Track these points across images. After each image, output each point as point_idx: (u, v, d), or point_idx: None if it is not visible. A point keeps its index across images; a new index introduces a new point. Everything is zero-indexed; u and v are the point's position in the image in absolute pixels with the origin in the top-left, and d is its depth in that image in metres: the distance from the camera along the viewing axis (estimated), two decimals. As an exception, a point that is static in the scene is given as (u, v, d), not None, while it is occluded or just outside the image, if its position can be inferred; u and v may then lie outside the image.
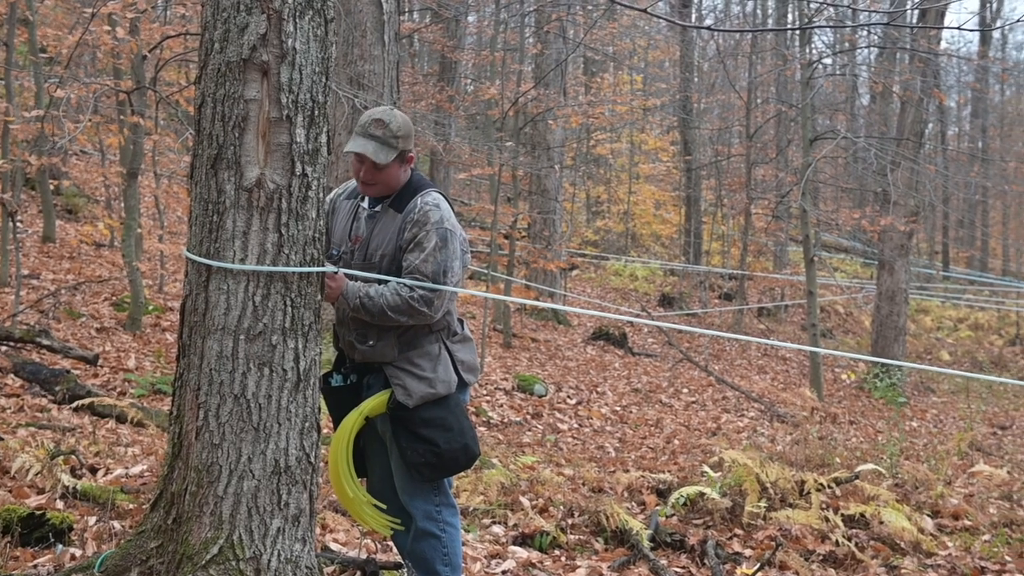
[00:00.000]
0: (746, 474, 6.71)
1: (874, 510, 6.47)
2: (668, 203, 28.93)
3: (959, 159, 35.26)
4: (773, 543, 5.86)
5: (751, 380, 14.66)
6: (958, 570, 5.90)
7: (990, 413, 15.28)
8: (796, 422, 11.72)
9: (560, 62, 16.58)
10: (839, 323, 23.90)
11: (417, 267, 3.91)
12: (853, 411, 13.67)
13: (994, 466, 9.38)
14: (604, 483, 7.12)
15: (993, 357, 21.97)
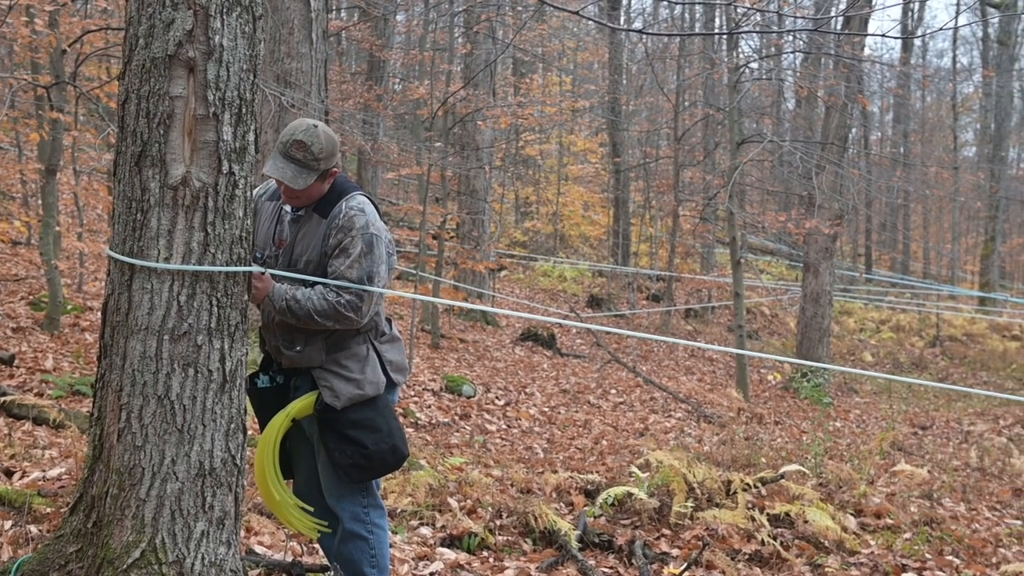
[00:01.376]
0: (673, 474, 6.76)
1: (799, 509, 6.56)
2: (597, 204, 29.06)
3: (882, 163, 35.81)
4: (700, 543, 5.92)
5: (678, 381, 14.76)
6: (880, 568, 6.00)
7: (911, 413, 15.53)
8: (723, 423, 11.82)
9: (489, 63, 16.56)
10: (765, 324, 24.16)
11: (343, 273, 3.88)
12: (779, 412, 13.81)
13: (915, 465, 9.56)
14: (533, 484, 7.11)
15: (914, 358, 22.34)
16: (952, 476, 9.31)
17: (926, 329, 26.19)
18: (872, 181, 27.92)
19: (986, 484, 9.31)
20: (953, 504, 8.10)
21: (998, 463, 10.44)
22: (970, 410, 16.22)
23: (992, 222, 32.79)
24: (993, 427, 14.50)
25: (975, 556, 6.49)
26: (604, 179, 29.17)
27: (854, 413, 15.02)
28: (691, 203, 21.82)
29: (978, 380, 20.51)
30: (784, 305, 25.85)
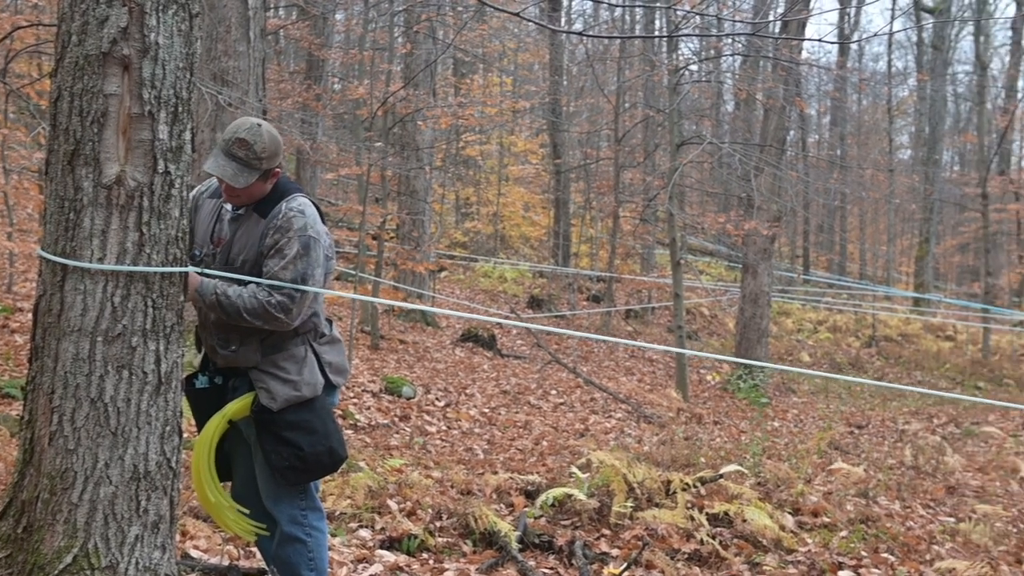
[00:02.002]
0: (613, 475, 6.78)
1: (738, 508, 6.60)
2: (537, 205, 29.08)
3: (819, 166, 36.18)
4: (640, 542, 5.94)
5: (619, 381, 14.82)
6: (817, 566, 6.05)
7: (848, 413, 15.71)
8: (662, 423, 11.87)
9: (430, 63, 16.51)
10: (705, 325, 24.33)
11: (276, 274, 3.83)
12: (718, 411, 13.91)
13: (851, 464, 9.66)
14: (473, 485, 7.09)
15: (851, 358, 22.62)
16: (887, 474, 9.43)
17: (862, 329, 26.55)
18: (810, 183, 28.21)
19: (920, 482, 9.43)
20: (888, 502, 8.19)
21: (932, 461, 10.58)
22: (905, 409, 16.45)
23: (926, 224, 33.33)
24: (927, 426, 14.72)
25: (909, 553, 6.57)
26: (544, 180, 29.18)
27: (792, 413, 15.15)
28: (631, 204, 21.90)
29: (912, 379, 20.82)
30: (723, 306, 26.05)
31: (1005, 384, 20.81)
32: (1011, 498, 9.30)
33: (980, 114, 31.18)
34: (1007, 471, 10.67)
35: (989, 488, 9.69)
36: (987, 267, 27.34)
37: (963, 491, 9.32)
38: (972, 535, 7.18)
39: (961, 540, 7.11)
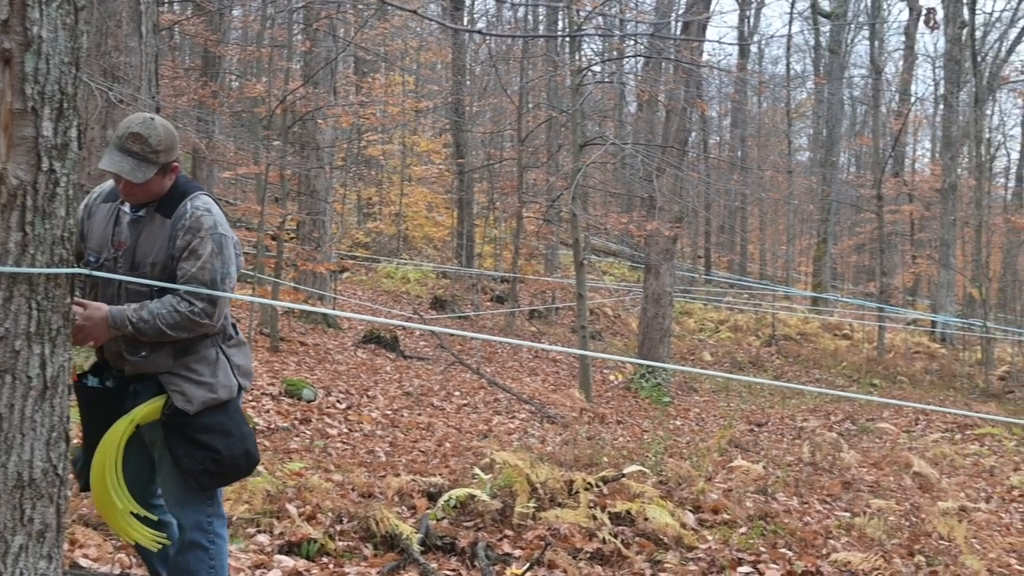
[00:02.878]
0: (516, 475, 6.76)
1: (639, 507, 6.64)
2: (440, 205, 29.00)
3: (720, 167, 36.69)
4: (542, 543, 5.94)
5: (523, 382, 14.83)
6: (717, 562, 6.13)
7: (748, 411, 15.93)
8: (566, 423, 11.89)
9: (330, 61, 16.33)
10: (608, 325, 24.47)
11: (194, 275, 3.74)
12: (621, 411, 13.99)
13: (751, 461, 9.80)
14: (374, 488, 7.03)
15: (751, 357, 22.95)
16: (786, 471, 9.58)
17: (762, 328, 26.95)
18: (711, 184, 28.62)
19: (817, 478, 9.60)
20: (786, 498, 8.32)
21: (829, 458, 10.77)
22: (803, 407, 16.73)
23: (824, 225, 33.98)
24: (824, 423, 14.98)
25: (807, 548, 6.69)
26: (448, 180, 29.12)
27: (694, 412, 15.32)
28: (535, 205, 21.98)
29: (811, 378, 21.19)
30: (626, 306, 26.26)
31: (899, 381, 21.30)
32: (904, 492, 9.51)
33: (875, 117, 31.86)
34: (900, 466, 10.91)
35: (883, 483, 9.90)
36: (882, 267, 27.95)
37: (858, 486, 9.51)
38: (867, 529, 7.34)
39: (856, 534, 7.27)
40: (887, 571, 6.28)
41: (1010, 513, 9.70)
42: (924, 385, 21.13)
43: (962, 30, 28.66)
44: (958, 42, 28.58)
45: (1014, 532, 8.71)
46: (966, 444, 13.71)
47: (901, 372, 22.26)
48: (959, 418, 15.25)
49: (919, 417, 15.55)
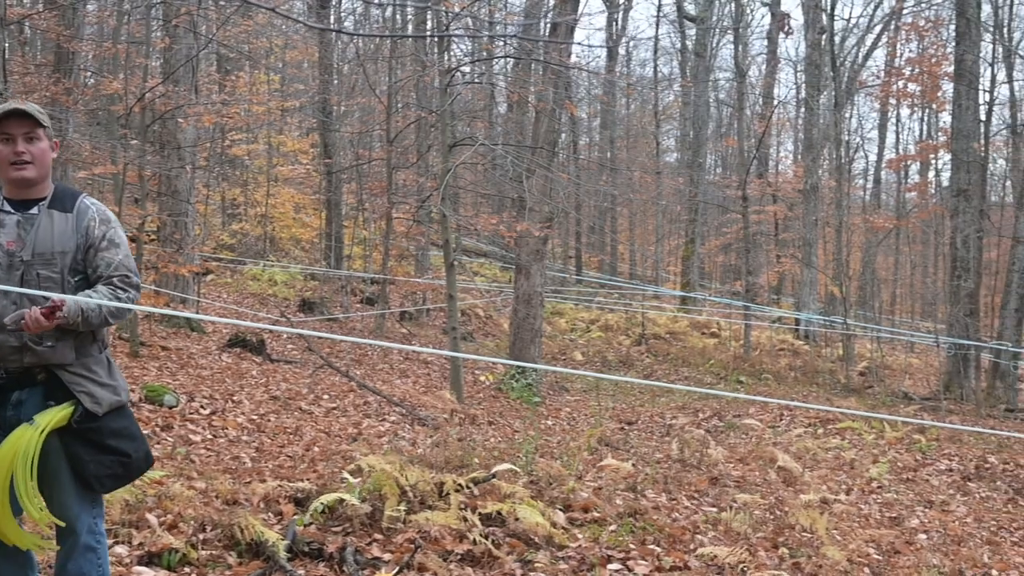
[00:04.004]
0: (386, 478, 6.68)
1: (510, 507, 6.61)
2: (308, 206, 28.57)
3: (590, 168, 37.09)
4: (412, 546, 5.86)
5: (393, 384, 14.66)
6: (587, 560, 6.12)
7: (619, 410, 16.04)
8: (437, 425, 11.80)
9: (190, 58, 15.90)
10: (480, 326, 24.45)
11: (123, 263, 3.78)
12: (492, 412, 13.94)
13: (621, 459, 9.84)
14: (239, 495, 6.83)
15: (621, 356, 23.15)
16: (655, 468, 9.63)
17: (632, 328, 27.22)
18: (581, 185, 28.85)
19: (686, 475, 9.69)
20: (655, 495, 8.37)
21: (696, 454, 10.88)
22: (672, 405, 16.92)
23: (692, 225, 34.54)
24: (693, 420, 15.18)
25: (675, 543, 6.74)
26: (316, 181, 28.71)
27: (565, 411, 15.35)
28: (405, 205, 21.80)
29: (680, 375, 21.47)
30: (498, 306, 26.27)
31: (764, 378, 21.71)
32: (769, 486, 9.68)
33: (740, 120, 32.53)
34: (766, 461, 11.11)
35: (749, 478, 10.06)
36: (747, 266, 28.48)
37: (725, 481, 9.64)
38: (733, 523, 7.44)
39: (723, 528, 7.36)
40: (752, 564, 6.38)
41: (869, 504, 9.96)
42: (788, 381, 21.59)
43: (821, 36, 29.44)
44: (818, 47, 29.34)
45: (873, 523, 8.95)
46: (828, 438, 14.04)
47: (766, 369, 22.70)
48: (821, 413, 15.61)
49: (783, 413, 15.86)
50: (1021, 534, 9.56)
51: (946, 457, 13.40)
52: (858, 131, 43.87)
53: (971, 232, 21.25)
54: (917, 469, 12.64)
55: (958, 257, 21.14)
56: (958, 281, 21.07)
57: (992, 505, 11.01)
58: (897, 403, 19.28)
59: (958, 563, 7.59)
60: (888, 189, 47.88)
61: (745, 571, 6.27)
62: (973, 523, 9.77)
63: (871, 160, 48.84)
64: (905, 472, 12.37)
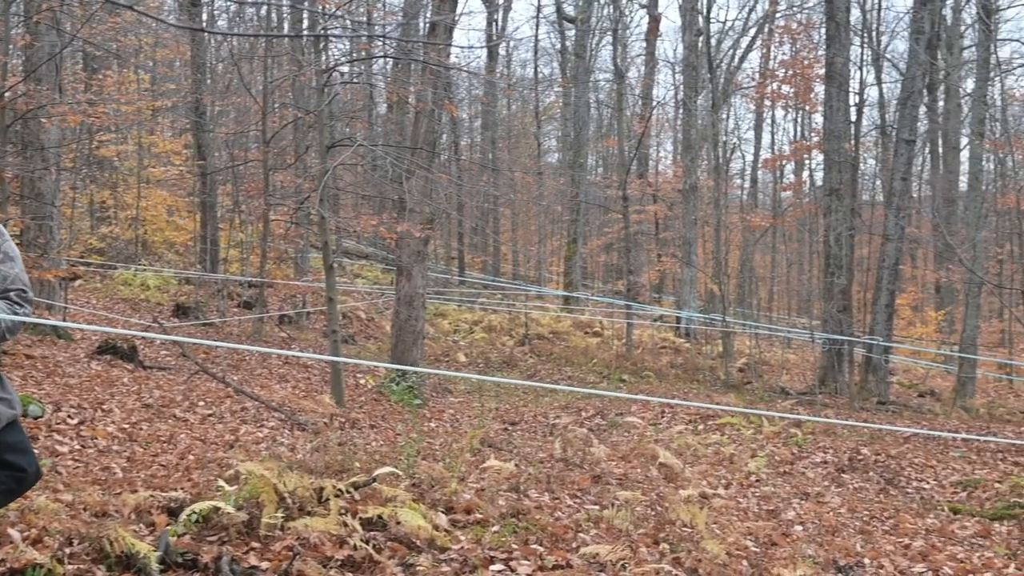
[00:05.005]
0: (263, 485, 6.55)
1: (391, 511, 6.54)
2: (182, 209, 27.90)
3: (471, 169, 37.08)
4: (291, 553, 5.76)
5: (272, 389, 14.36)
6: (470, 562, 6.09)
7: (502, 410, 16.02)
8: (317, 429, 11.61)
9: (53, 55, 15.36)
10: (361, 328, 24.21)
11: (18, 276, 3.74)
12: (374, 415, 13.79)
13: (504, 460, 9.80)
14: (109, 506, 6.60)
15: (505, 357, 23.16)
16: (538, 468, 9.62)
17: (516, 328, 27.28)
18: (462, 186, 28.79)
19: (568, 473, 9.70)
20: (538, 495, 8.37)
21: (579, 453, 10.92)
22: (556, 404, 16.98)
23: (574, 225, 34.79)
24: (576, 419, 15.24)
25: (557, 542, 6.75)
26: (189, 182, 28.06)
27: (448, 413, 15.28)
28: (283, 207, 21.42)
29: (563, 375, 21.57)
30: (380, 309, 26.07)
31: (646, 376, 21.94)
32: (650, 483, 9.76)
33: (619, 120, 32.90)
34: (647, 458, 11.21)
35: (631, 475, 10.13)
36: (629, 265, 28.82)
37: (607, 479, 9.69)
38: (615, 521, 7.50)
39: (605, 526, 7.40)
40: (633, 560, 6.42)
41: (747, 498, 10.16)
42: (670, 379, 21.85)
43: (698, 38, 29.92)
44: (695, 49, 29.81)
45: (751, 516, 9.13)
46: (708, 434, 14.25)
47: (648, 367, 22.95)
48: (702, 410, 15.83)
49: (665, 410, 16.04)
50: (892, 523, 9.83)
51: (821, 450, 13.70)
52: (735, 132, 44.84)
53: (843, 230, 21.79)
54: (794, 462, 12.89)
55: (831, 255, 21.66)
56: (831, 278, 21.58)
57: (865, 495, 11.29)
58: (775, 398, 19.68)
59: (832, 553, 7.80)
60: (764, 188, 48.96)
61: (626, 568, 6.30)
62: (847, 513, 10.00)
63: (748, 160, 49.95)
64: (782, 465, 12.61)
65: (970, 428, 16.74)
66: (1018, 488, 11.77)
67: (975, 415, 20.03)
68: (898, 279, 22.50)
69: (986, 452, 14.45)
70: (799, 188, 37.02)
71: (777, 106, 35.03)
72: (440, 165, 21.53)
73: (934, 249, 37.89)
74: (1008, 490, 11.78)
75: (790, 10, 35.68)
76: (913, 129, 22.33)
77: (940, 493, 12.01)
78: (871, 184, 42.33)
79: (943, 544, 9.10)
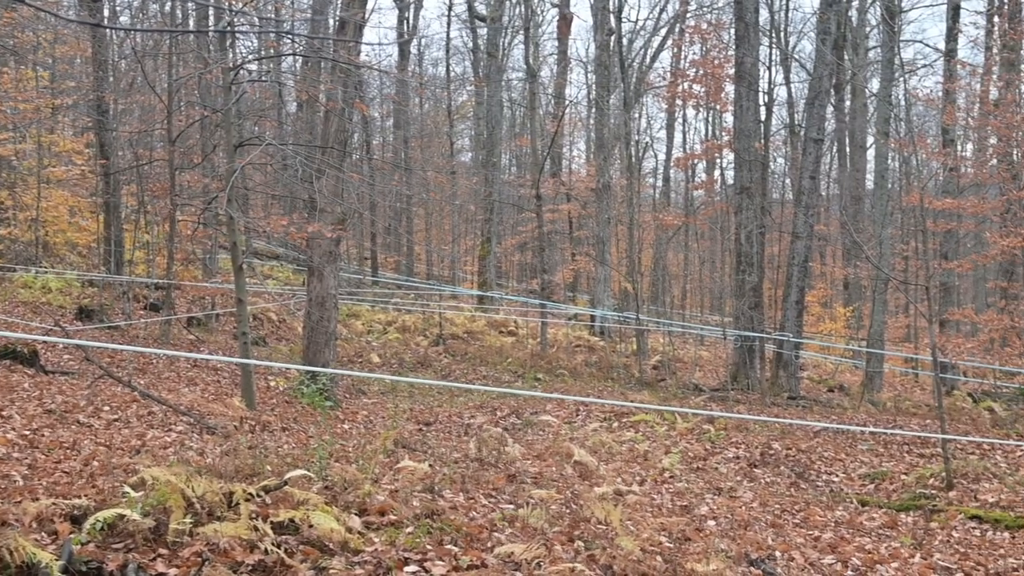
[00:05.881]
0: (171, 491, 6.40)
1: (303, 514, 6.46)
2: (85, 209, 27.22)
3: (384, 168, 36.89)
4: (200, 559, 5.67)
5: (180, 393, 14.05)
6: (384, 564, 6.03)
7: (417, 411, 15.92)
8: (227, 433, 11.39)
9: (-55, 50, 14.92)
10: (273, 330, 23.91)
11: None
12: (286, 417, 13.58)
13: (418, 461, 9.70)
14: (9, 515, 6.36)
15: (419, 357, 23.03)
16: (452, 468, 9.54)
17: (430, 328, 27.18)
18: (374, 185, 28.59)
19: (483, 473, 9.65)
20: (453, 495, 8.30)
21: (494, 452, 10.90)
22: (471, 404, 16.94)
23: (488, 224, 34.81)
24: (491, 418, 15.22)
25: (472, 542, 6.71)
26: (92, 182, 27.40)
27: (362, 414, 15.15)
28: (190, 207, 21.04)
29: (478, 375, 21.53)
30: (291, 310, 25.76)
31: (560, 374, 21.99)
32: (565, 481, 9.77)
33: (532, 119, 32.91)
34: (562, 456, 11.22)
35: (546, 473, 10.13)
36: (543, 264, 28.87)
37: (523, 478, 9.68)
38: (530, 519, 7.50)
39: (520, 525, 7.39)
40: (548, 559, 6.41)
41: (661, 494, 10.25)
42: (584, 377, 21.93)
43: (610, 37, 30.07)
44: (607, 49, 29.97)
45: (665, 512, 9.22)
46: (623, 431, 14.33)
47: (563, 365, 23.01)
48: (617, 407, 15.89)
49: (580, 408, 16.08)
50: (803, 516, 9.99)
51: (734, 445, 13.86)
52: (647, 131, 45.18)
53: (754, 228, 22.05)
54: (707, 458, 13.01)
55: (742, 252, 21.91)
56: (743, 275, 21.83)
57: (776, 489, 11.44)
58: (688, 395, 19.84)
59: (744, 546, 7.91)
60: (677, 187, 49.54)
61: (541, 566, 6.29)
62: (759, 507, 10.13)
63: (660, 159, 50.47)
64: (696, 461, 12.72)
65: (877, 421, 17.06)
66: (923, 479, 12.05)
67: (882, 409, 20.42)
68: (807, 276, 22.85)
69: (893, 445, 14.73)
70: (711, 187, 37.42)
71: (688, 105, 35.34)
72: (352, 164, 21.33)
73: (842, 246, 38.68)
74: (914, 481, 12.06)
75: (700, 10, 36.11)
76: (821, 128, 22.70)
77: (849, 485, 12.23)
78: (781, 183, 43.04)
79: (852, 535, 9.28)
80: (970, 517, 10.17)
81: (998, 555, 8.85)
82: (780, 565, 7.71)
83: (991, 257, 23.34)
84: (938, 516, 10.33)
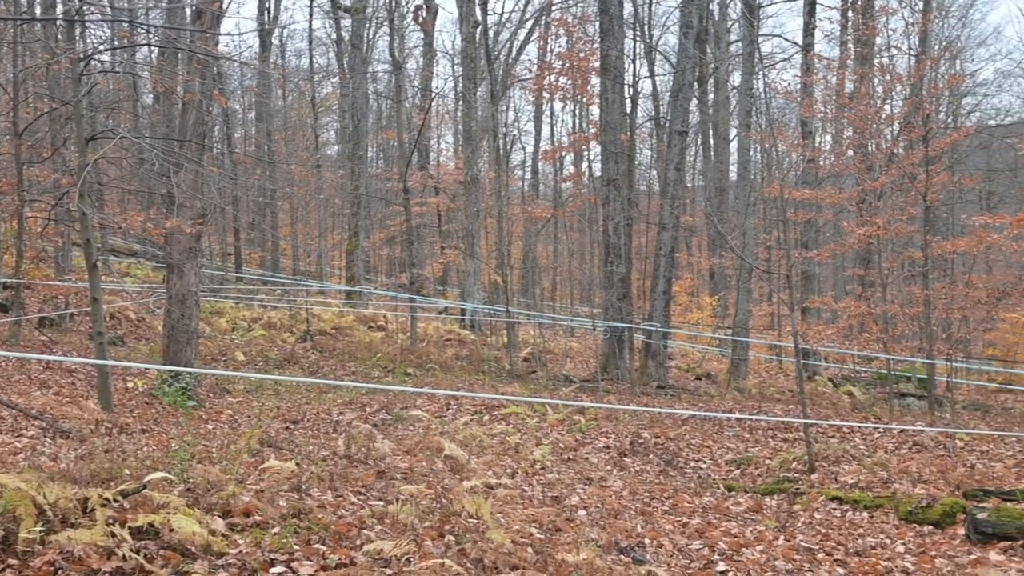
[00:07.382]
0: (20, 498, 6.10)
1: (164, 518, 6.23)
2: (-81, 207, 26.08)
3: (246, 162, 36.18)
4: (52, 568, 5.43)
5: (31, 396, 13.45)
6: (249, 566, 5.85)
7: (283, 409, 15.61)
8: (82, 436, 10.95)
9: None
10: (131, 329, 23.19)
11: None
12: (145, 419, 13.14)
13: (284, 459, 9.47)
14: None
15: (286, 354, 22.63)
16: (320, 466, 9.34)
17: (297, 325, 26.74)
18: (236, 180, 27.98)
19: (352, 470, 9.48)
20: (321, 493, 8.13)
21: (364, 449, 10.75)
22: (340, 400, 16.69)
23: (355, 218, 34.42)
24: (360, 415, 15.01)
25: (341, 540, 6.58)
26: (-71, 179, 26.22)
27: (227, 413, 14.78)
28: (40, 204, 20.22)
29: (347, 371, 21.26)
30: (151, 308, 25.04)
31: (431, 369, 21.86)
32: (436, 476, 9.67)
33: (399, 112, 32.68)
34: (433, 451, 11.13)
35: (416, 469, 10.02)
36: (412, 258, 28.66)
37: (392, 475, 9.55)
38: (399, 515, 7.44)
39: (389, 522, 7.30)
40: (418, 554, 6.34)
41: (532, 486, 10.24)
42: (455, 371, 21.83)
43: (476, 29, 29.95)
44: (473, 41, 29.86)
45: (536, 503, 9.25)
46: (494, 424, 14.28)
47: (433, 360, 22.87)
48: (487, 400, 15.83)
49: (450, 402, 15.98)
50: (671, 503, 10.10)
51: (604, 435, 13.93)
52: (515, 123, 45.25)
53: (621, 220, 22.23)
54: (577, 448, 13.04)
55: (610, 244, 22.07)
56: (611, 267, 21.99)
57: (646, 478, 11.54)
58: (559, 386, 19.90)
59: (614, 535, 8.00)
60: (545, 180, 49.80)
61: (411, 562, 6.20)
62: (628, 496, 10.20)
63: (528, 151, 50.63)
64: (566, 452, 12.74)
65: (743, 408, 17.36)
66: (787, 463, 12.31)
67: (748, 395, 20.82)
68: (674, 266, 23.14)
69: (758, 431, 15.00)
70: (579, 179, 37.73)
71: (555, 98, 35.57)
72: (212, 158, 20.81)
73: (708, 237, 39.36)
74: (778, 466, 12.31)
75: (565, 3, 36.27)
76: (685, 121, 23.00)
77: (716, 471, 12.42)
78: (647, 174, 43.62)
79: (718, 520, 9.42)
80: (831, 499, 10.44)
81: (857, 534, 9.12)
82: (649, 552, 7.80)
83: (848, 246, 23.97)
84: (801, 499, 10.58)
